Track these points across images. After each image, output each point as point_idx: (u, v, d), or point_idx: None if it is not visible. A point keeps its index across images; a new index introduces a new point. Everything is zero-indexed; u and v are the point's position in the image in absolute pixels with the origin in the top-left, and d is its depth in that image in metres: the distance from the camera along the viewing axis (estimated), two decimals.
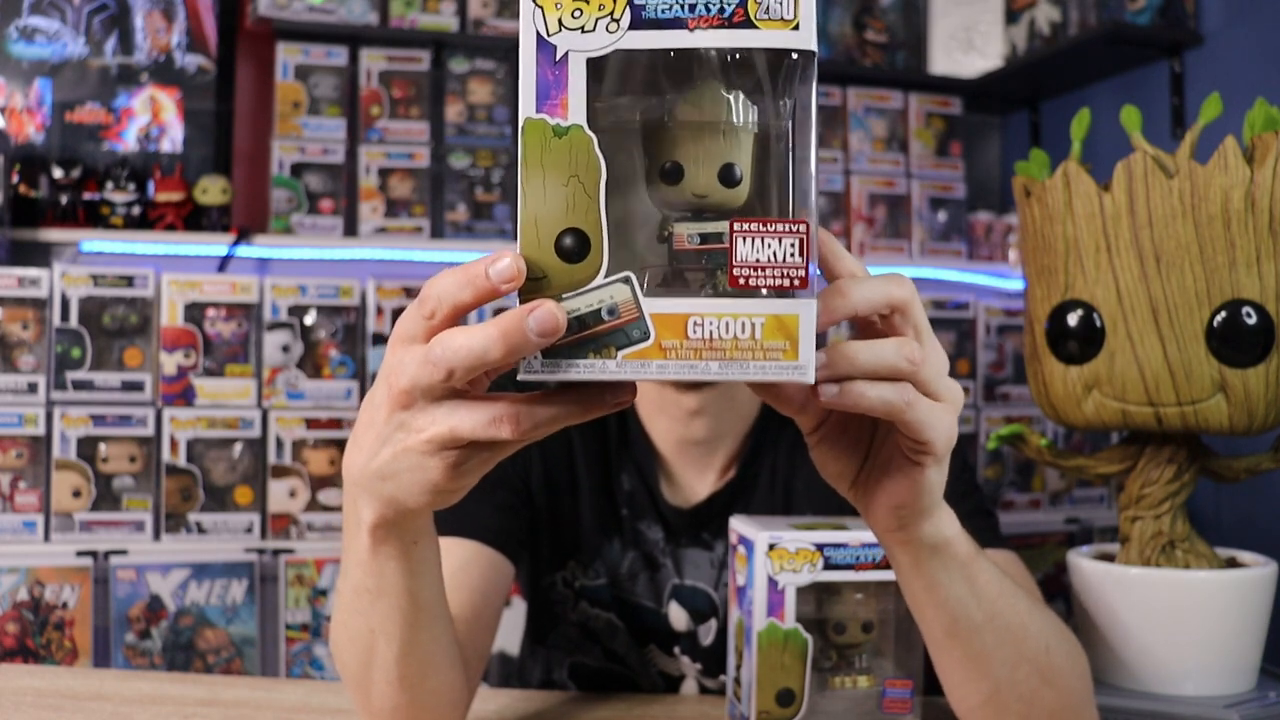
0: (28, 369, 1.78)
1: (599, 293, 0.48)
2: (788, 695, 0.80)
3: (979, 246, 2.40)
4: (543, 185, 0.48)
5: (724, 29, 0.48)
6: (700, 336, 0.47)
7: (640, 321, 0.48)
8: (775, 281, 0.48)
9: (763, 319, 0.47)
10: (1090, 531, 2.16)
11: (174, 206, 1.99)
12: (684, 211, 0.50)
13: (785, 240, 0.48)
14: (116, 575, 1.74)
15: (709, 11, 0.48)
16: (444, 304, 0.51)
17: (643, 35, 0.48)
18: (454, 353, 0.50)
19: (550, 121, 0.48)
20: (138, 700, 0.93)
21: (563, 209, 0.48)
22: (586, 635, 1.09)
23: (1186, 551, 0.92)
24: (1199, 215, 0.84)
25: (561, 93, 0.48)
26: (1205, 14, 1.97)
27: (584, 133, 0.48)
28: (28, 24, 2.04)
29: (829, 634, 0.82)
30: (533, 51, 0.49)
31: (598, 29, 0.48)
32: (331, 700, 0.95)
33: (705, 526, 1.07)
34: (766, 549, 0.78)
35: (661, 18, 0.48)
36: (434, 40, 2.14)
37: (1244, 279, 0.85)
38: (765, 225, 0.48)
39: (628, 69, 0.49)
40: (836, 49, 2.40)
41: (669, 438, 1.05)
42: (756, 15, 0.48)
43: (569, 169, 0.48)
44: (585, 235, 0.48)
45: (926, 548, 0.64)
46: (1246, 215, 0.84)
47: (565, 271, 0.48)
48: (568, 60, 0.48)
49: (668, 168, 0.50)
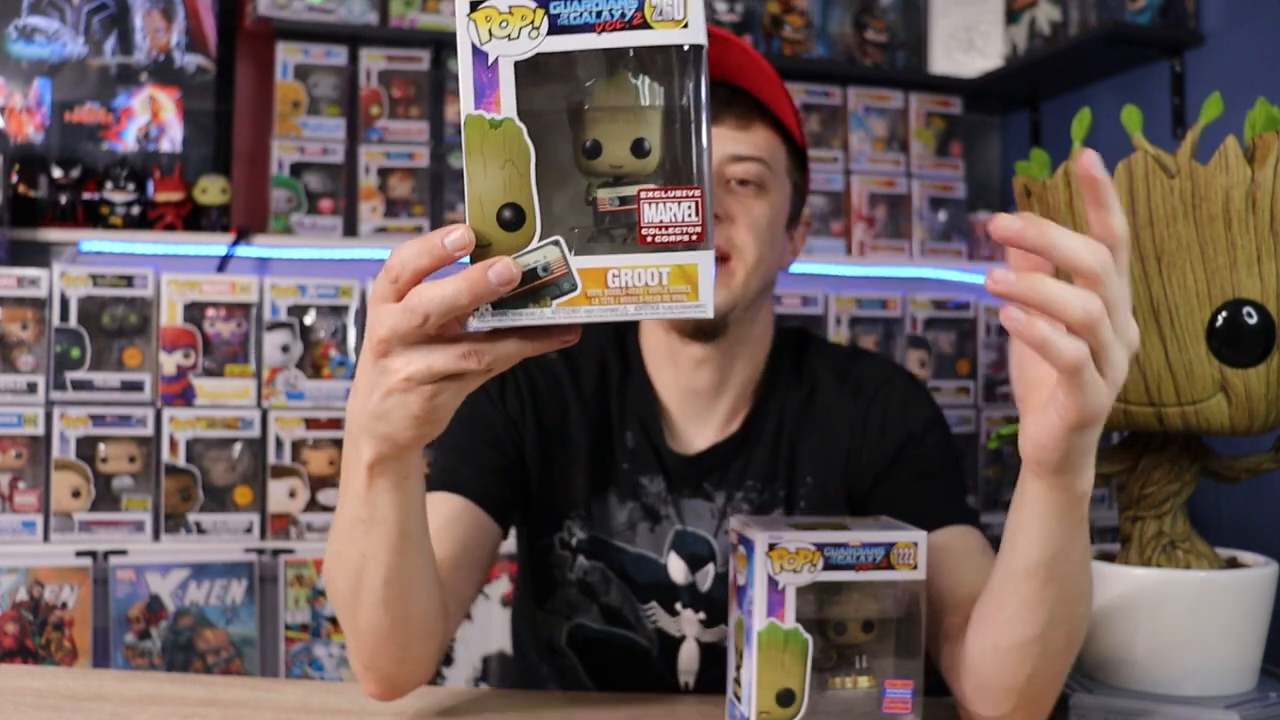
0: (27, 369, 1.78)
1: (534, 254, 0.59)
2: (788, 695, 0.80)
3: (979, 246, 2.40)
4: (484, 169, 0.59)
5: (625, 31, 0.58)
6: (619, 285, 0.58)
7: (569, 276, 0.59)
8: (677, 238, 0.58)
9: (668, 268, 0.58)
10: (1091, 532, 2.15)
11: (173, 206, 1.99)
12: (605, 179, 0.59)
13: (684, 204, 0.58)
14: (116, 575, 1.74)
15: (612, 17, 0.58)
16: (407, 269, 0.62)
17: (559, 39, 0.58)
18: (429, 300, 0.60)
19: (487, 116, 0.59)
20: (137, 701, 0.93)
21: (501, 188, 0.59)
22: (585, 593, 1.10)
23: (1187, 552, 0.91)
24: (1200, 215, 0.84)
25: (495, 91, 0.58)
26: (1206, 14, 1.97)
27: (515, 124, 0.59)
28: (27, 23, 2.04)
29: (829, 634, 0.82)
30: (469, 58, 0.59)
31: (521, 36, 0.58)
32: (332, 700, 0.94)
33: (707, 476, 1.10)
34: (767, 549, 0.78)
35: (574, 24, 0.58)
36: (434, 40, 2.13)
37: (1245, 279, 0.85)
38: (667, 192, 0.58)
39: (551, 66, 0.59)
40: (836, 48, 2.40)
41: (675, 388, 1.09)
42: (652, 18, 0.58)
43: (504, 154, 0.59)
44: (521, 208, 0.59)
45: (1059, 489, 0.71)
46: (1247, 215, 0.84)
47: (506, 239, 0.59)
48: (498, 64, 0.58)
49: (589, 145, 0.59)
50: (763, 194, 1.04)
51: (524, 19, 0.58)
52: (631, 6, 0.58)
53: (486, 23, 0.58)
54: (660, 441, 1.10)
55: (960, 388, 2.16)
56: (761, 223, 1.03)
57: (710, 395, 1.09)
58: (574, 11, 0.58)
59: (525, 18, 0.58)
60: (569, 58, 0.58)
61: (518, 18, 0.58)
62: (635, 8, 0.58)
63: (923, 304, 2.14)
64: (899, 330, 2.13)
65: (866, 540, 0.79)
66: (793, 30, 2.35)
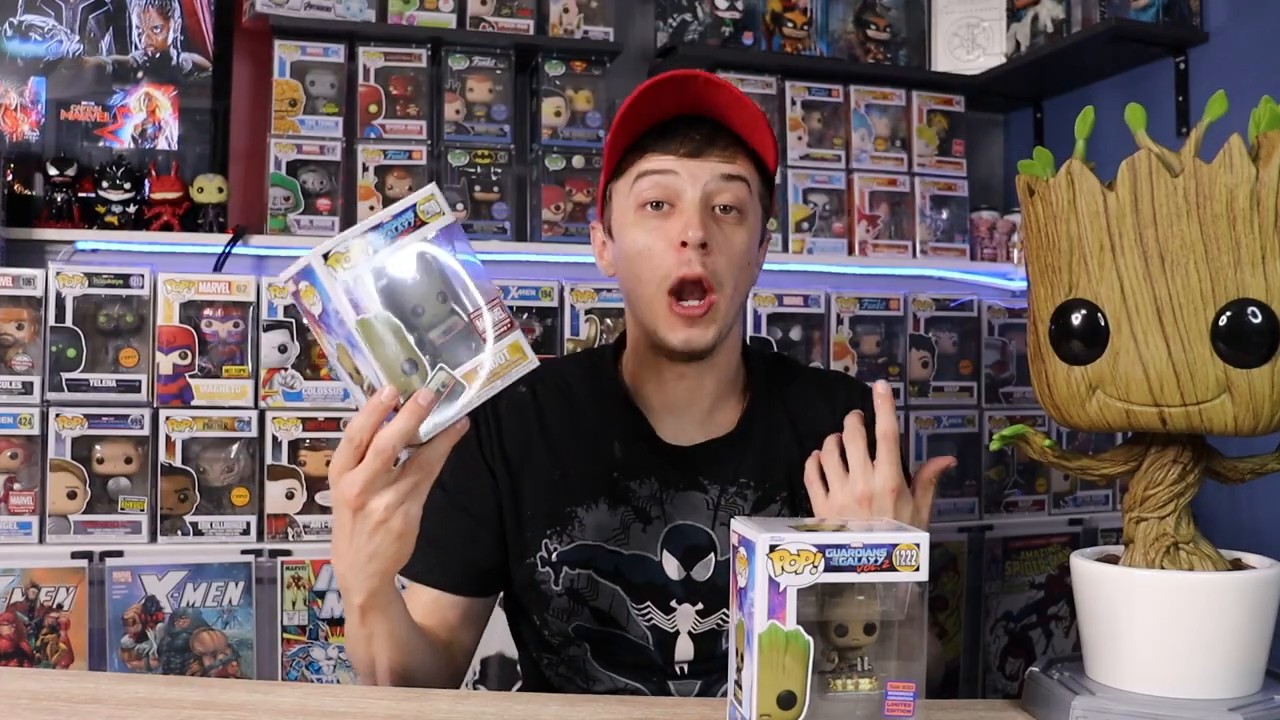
0: (22, 369, 1.77)
1: (433, 382, 0.86)
2: (789, 698, 0.79)
3: (982, 245, 2.39)
4: (381, 347, 0.85)
5: (413, 234, 0.89)
6: (487, 372, 0.87)
7: (459, 385, 0.87)
8: (501, 331, 0.88)
9: (506, 349, 0.88)
10: (1094, 533, 2.15)
11: (170, 205, 1.98)
12: (436, 324, 0.88)
13: (494, 312, 0.88)
14: (112, 577, 1.73)
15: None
16: (365, 431, 0.86)
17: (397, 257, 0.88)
18: (391, 437, 0.85)
19: (364, 316, 0.85)
20: (133, 703, 0.92)
21: (396, 352, 0.86)
22: (575, 599, 1.13)
23: (1191, 553, 0.91)
24: (1204, 214, 0.84)
25: (363, 304, 0.85)
26: (1210, 11, 1.96)
27: (388, 318, 0.85)
28: (22, 21, 2.03)
29: (830, 636, 0.81)
30: (334, 290, 0.85)
31: (360, 267, 0.86)
32: (329, 703, 0.94)
33: (703, 470, 1.15)
34: (767, 550, 0.78)
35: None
36: (432, 38, 2.13)
37: (1249, 278, 0.84)
38: (482, 310, 0.88)
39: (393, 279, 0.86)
40: (838, 46, 2.39)
41: (658, 397, 1.17)
42: (422, 214, 0.89)
43: (389, 334, 0.85)
44: (416, 361, 0.86)
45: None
46: (1252, 214, 0.84)
47: (412, 381, 0.86)
48: (358, 285, 0.85)
49: (415, 308, 0.87)
50: (742, 220, 1.12)
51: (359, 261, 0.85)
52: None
53: (340, 262, 0.84)
54: (652, 440, 1.15)
55: (963, 388, 2.15)
56: (740, 250, 1.11)
57: (692, 397, 1.17)
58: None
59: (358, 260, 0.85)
60: (395, 267, 0.86)
61: (356, 253, 0.85)
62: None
63: (925, 303, 2.14)
64: (901, 330, 2.12)
65: (868, 541, 0.78)
66: (794, 28, 2.34)
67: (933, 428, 2.09)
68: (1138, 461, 0.95)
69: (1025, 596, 2.14)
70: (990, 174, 2.59)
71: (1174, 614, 0.88)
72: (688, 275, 1.07)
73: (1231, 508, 1.82)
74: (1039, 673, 0.95)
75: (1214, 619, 0.87)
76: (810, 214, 2.30)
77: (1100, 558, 0.95)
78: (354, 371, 0.87)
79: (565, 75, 2.20)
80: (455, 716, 0.91)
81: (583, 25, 2.21)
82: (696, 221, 1.06)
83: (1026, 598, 2.14)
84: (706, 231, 1.07)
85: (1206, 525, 0.95)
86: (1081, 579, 0.95)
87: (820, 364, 2.08)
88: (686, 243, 1.06)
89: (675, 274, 1.07)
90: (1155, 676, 0.88)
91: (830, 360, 2.08)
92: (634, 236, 1.11)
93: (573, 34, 2.20)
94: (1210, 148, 0.85)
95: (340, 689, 1.00)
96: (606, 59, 2.23)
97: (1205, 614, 0.87)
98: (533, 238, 2.17)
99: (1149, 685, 0.89)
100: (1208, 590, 0.88)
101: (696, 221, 1.06)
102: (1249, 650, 0.89)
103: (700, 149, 1.09)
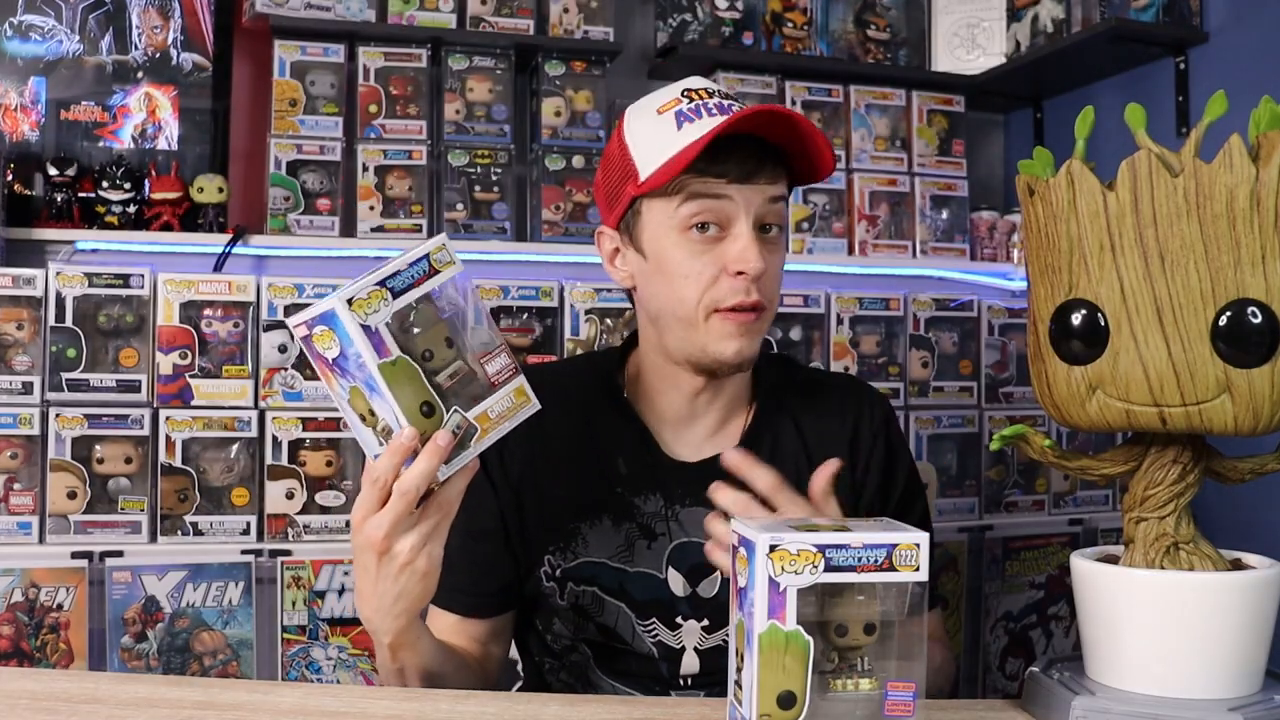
0: (22, 369, 1.77)
1: (450, 424, 0.89)
2: (789, 698, 0.79)
3: (982, 245, 2.39)
4: (402, 390, 0.87)
5: (422, 283, 0.91)
6: (495, 415, 0.92)
7: (471, 427, 0.91)
8: (507, 376, 0.94)
9: (512, 394, 0.94)
10: (1094, 533, 2.15)
11: (170, 205, 1.98)
12: (448, 367, 0.92)
13: (500, 358, 0.94)
14: (112, 577, 1.73)
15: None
16: (389, 472, 0.88)
17: (401, 300, 0.88)
18: (414, 478, 0.87)
19: (385, 360, 0.87)
20: (133, 703, 0.92)
21: (415, 395, 0.88)
22: (579, 614, 1.12)
23: (1191, 553, 0.91)
24: (1204, 214, 0.84)
25: (385, 344, 0.87)
26: (1210, 11, 1.96)
27: (407, 361, 0.88)
28: (22, 21, 2.03)
29: (830, 636, 0.81)
30: (360, 334, 0.86)
31: (380, 310, 0.88)
32: (329, 703, 0.94)
33: (707, 485, 1.10)
34: (767, 550, 0.78)
35: (404, 287, 0.89)
36: (432, 38, 2.13)
37: (1249, 278, 0.84)
38: (490, 355, 0.93)
39: (407, 320, 0.89)
40: (838, 46, 2.39)
41: (669, 409, 1.15)
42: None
43: (407, 377, 0.88)
44: (433, 404, 0.89)
45: None
46: (1252, 214, 0.83)
47: (432, 423, 0.89)
48: (379, 330, 0.87)
49: (426, 354, 0.91)
50: (780, 238, 1.11)
51: (370, 305, 0.86)
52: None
53: (363, 307, 0.86)
54: (658, 455, 1.14)
55: (963, 388, 2.15)
56: (780, 268, 1.11)
57: (705, 410, 1.15)
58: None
59: (372, 302, 0.86)
60: (408, 314, 0.89)
61: (376, 300, 0.87)
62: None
63: (925, 303, 2.13)
64: (901, 329, 2.12)
65: (868, 541, 0.78)
66: (794, 28, 2.34)
67: (933, 428, 2.09)
68: (1138, 461, 0.95)
69: (1025, 596, 2.14)
70: (990, 174, 2.59)
71: (1174, 614, 0.88)
72: (744, 303, 1.05)
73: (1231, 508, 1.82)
74: (1039, 673, 0.95)
75: (1214, 619, 0.87)
76: (810, 214, 2.30)
77: (1100, 558, 0.95)
78: (367, 414, 0.89)
79: (565, 75, 2.20)
80: (456, 716, 0.91)
81: (583, 25, 2.21)
82: (757, 253, 1.04)
83: (1026, 598, 2.14)
84: (763, 260, 1.05)
85: (1206, 525, 0.95)
86: (1081, 579, 0.95)
87: (820, 364, 2.08)
88: (744, 272, 1.04)
89: (729, 301, 1.05)
90: (1155, 676, 0.88)
91: (830, 360, 2.08)
92: (677, 258, 1.07)
93: (573, 34, 2.20)
94: (1210, 148, 0.85)
95: (340, 689, 1.00)
96: (606, 59, 2.23)
97: (1205, 614, 0.87)
98: (533, 238, 2.17)
99: (1149, 685, 0.89)
100: (1208, 590, 0.88)
101: (757, 253, 1.04)
102: (1249, 650, 0.89)
103: (753, 172, 1.05)
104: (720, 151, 1.04)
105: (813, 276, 2.26)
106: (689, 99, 1.08)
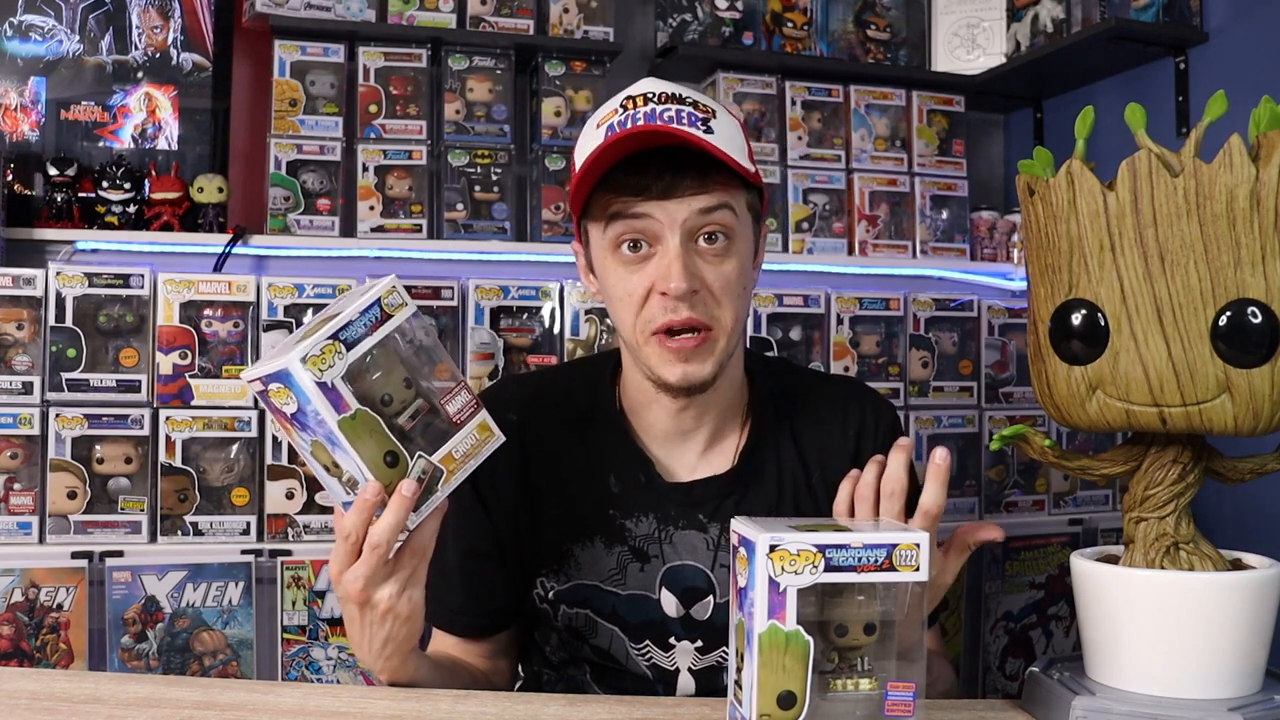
0: (22, 369, 1.77)
1: (415, 469, 0.89)
2: (789, 698, 0.79)
3: (982, 245, 2.39)
4: (364, 445, 0.86)
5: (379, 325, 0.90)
6: (460, 455, 0.91)
7: (438, 470, 0.90)
8: (469, 413, 0.92)
9: (475, 430, 0.92)
10: (1094, 533, 2.15)
11: (170, 205, 1.98)
12: (407, 408, 0.91)
13: (460, 395, 0.92)
14: (112, 577, 1.73)
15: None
16: (358, 528, 0.88)
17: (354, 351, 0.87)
18: (383, 531, 0.87)
19: (345, 415, 0.86)
20: (133, 703, 0.92)
21: (378, 447, 0.87)
22: (574, 636, 1.11)
23: (1191, 553, 0.91)
24: (1204, 214, 0.84)
25: (342, 400, 0.85)
26: (1210, 11, 1.96)
27: (365, 413, 0.87)
28: (22, 21, 2.03)
29: (831, 636, 0.81)
30: (313, 387, 0.85)
31: (336, 365, 0.86)
32: (329, 703, 0.94)
33: (700, 507, 1.09)
34: (767, 550, 0.78)
35: (355, 337, 0.88)
36: (432, 38, 2.13)
37: (1249, 278, 0.84)
38: (450, 393, 0.92)
39: (367, 367, 0.88)
40: (838, 46, 2.39)
41: (657, 428, 1.12)
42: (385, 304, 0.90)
43: (368, 431, 0.87)
44: (397, 454, 0.88)
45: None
46: (1252, 214, 0.83)
47: (396, 473, 0.88)
48: (336, 386, 0.85)
49: (385, 398, 0.90)
50: (730, 246, 1.03)
51: (324, 359, 0.85)
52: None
53: (318, 364, 0.84)
54: (651, 476, 1.10)
55: (963, 388, 2.15)
56: (732, 280, 1.02)
57: (692, 428, 1.11)
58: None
59: (326, 357, 0.85)
60: (365, 359, 0.88)
61: (330, 354, 0.85)
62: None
63: (925, 303, 2.13)
64: (901, 329, 2.12)
65: (868, 541, 0.78)
66: (794, 28, 2.34)
67: (933, 428, 2.09)
68: (1138, 461, 0.95)
69: (1025, 596, 2.14)
70: (990, 174, 2.59)
71: (1174, 614, 0.88)
72: (674, 322, 1.00)
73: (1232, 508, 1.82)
74: (1039, 673, 0.95)
75: (1214, 619, 0.87)
76: (810, 214, 2.30)
77: (1100, 558, 0.95)
78: (331, 465, 0.88)
79: (565, 75, 2.20)
80: (456, 716, 0.91)
81: (583, 25, 2.21)
82: (679, 270, 0.98)
83: (1026, 598, 2.14)
84: (689, 277, 0.99)
85: (1206, 525, 0.95)
86: (1081, 579, 0.95)
87: (820, 364, 2.08)
88: (666, 292, 0.99)
89: (658, 321, 1.01)
90: (1155, 676, 0.88)
91: (830, 361, 2.08)
92: (612, 280, 1.03)
93: (573, 34, 2.20)
94: (1210, 148, 0.85)
95: (340, 689, 0.99)
96: (606, 59, 2.23)
97: (1205, 614, 0.87)
98: (533, 238, 2.16)
99: (1149, 685, 0.89)
100: (1208, 590, 0.88)
101: (679, 270, 0.98)
102: (1249, 650, 0.89)
103: (672, 187, 0.99)
104: (639, 168, 0.99)
105: (812, 276, 2.26)
106: (624, 109, 1.02)
